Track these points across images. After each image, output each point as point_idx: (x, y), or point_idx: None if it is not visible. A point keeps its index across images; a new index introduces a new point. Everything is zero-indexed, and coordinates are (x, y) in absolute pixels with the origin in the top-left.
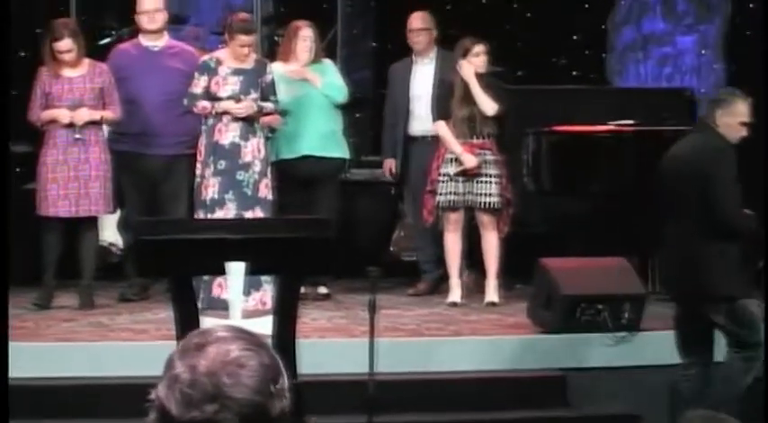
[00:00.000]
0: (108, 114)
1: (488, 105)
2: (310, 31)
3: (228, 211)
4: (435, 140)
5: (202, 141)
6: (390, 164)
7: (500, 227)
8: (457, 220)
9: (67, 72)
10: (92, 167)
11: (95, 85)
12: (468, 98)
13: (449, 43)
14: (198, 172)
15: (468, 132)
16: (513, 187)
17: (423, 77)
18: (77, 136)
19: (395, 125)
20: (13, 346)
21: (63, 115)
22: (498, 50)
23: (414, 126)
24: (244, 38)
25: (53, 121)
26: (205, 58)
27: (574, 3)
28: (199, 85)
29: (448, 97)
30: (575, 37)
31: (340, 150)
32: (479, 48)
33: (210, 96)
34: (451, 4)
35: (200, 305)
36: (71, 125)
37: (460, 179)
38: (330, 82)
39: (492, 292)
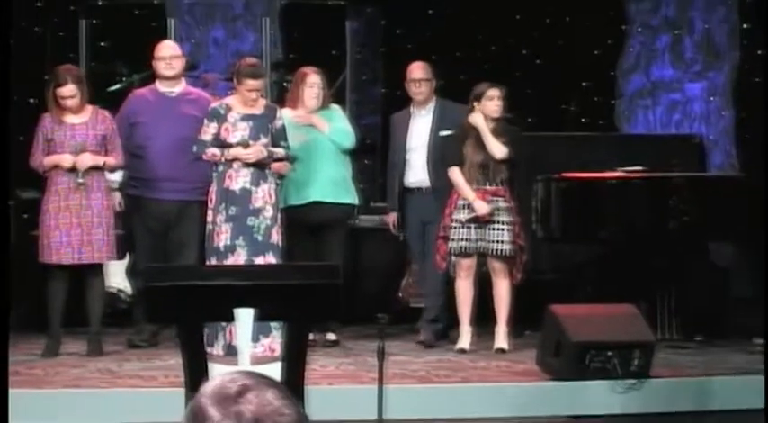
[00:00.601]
0: (110, 161)
1: (498, 149)
2: (318, 78)
3: (239, 257)
4: (431, 192)
5: (213, 188)
6: (393, 217)
7: (513, 274)
8: (469, 267)
9: (70, 118)
10: (94, 214)
11: (98, 131)
12: (481, 144)
13: (458, 90)
14: (209, 219)
15: (482, 179)
16: (525, 234)
17: (420, 128)
18: (80, 181)
19: (395, 176)
20: (21, 394)
21: (65, 160)
22: (507, 97)
23: (410, 177)
24: (251, 82)
25: (55, 167)
26: (214, 104)
27: (583, 50)
28: (208, 131)
29: (461, 143)
30: (584, 83)
31: (349, 196)
32: (494, 92)
33: (220, 143)
34: (460, 51)
35: (220, 352)
36: (73, 170)
37: (473, 226)
38: (338, 128)
39: (502, 339)
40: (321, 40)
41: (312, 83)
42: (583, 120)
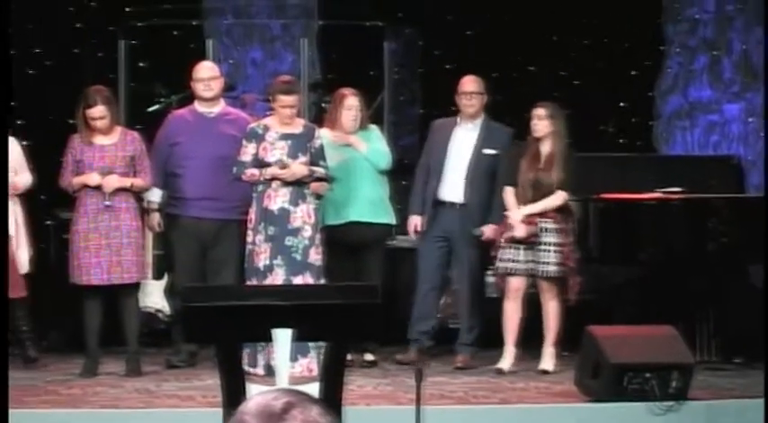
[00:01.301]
0: (138, 182)
1: (556, 198)
2: (356, 100)
3: (277, 277)
4: (463, 208)
5: (253, 208)
6: (416, 221)
7: (563, 296)
8: (517, 288)
9: (99, 140)
10: (123, 235)
11: (127, 152)
12: (534, 164)
13: (496, 110)
14: (249, 239)
15: (532, 197)
16: (577, 256)
17: (463, 142)
18: (107, 203)
19: (427, 183)
20: (61, 414)
21: (92, 179)
22: (556, 116)
23: (444, 190)
24: (284, 98)
25: (84, 188)
26: (252, 124)
27: (621, 71)
28: (247, 152)
29: (515, 162)
30: (621, 104)
31: (386, 216)
32: (537, 111)
33: (259, 162)
34: (498, 72)
35: (260, 372)
36: (99, 189)
37: (521, 246)
38: (375, 148)
39: (547, 360)
40: (359, 60)
41: (350, 105)
42: (620, 140)
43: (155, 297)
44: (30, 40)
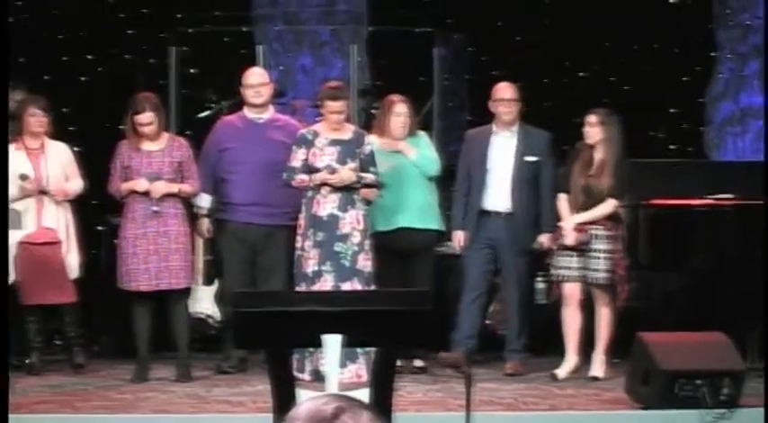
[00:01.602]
0: (185, 188)
1: (605, 207)
2: (404, 107)
3: (326, 283)
4: (508, 217)
5: (302, 214)
6: (460, 236)
7: (615, 301)
8: (572, 295)
9: (147, 146)
10: (171, 240)
11: (174, 158)
12: (586, 170)
13: (544, 116)
14: (298, 244)
15: (583, 204)
16: (627, 263)
17: (502, 150)
18: (155, 208)
19: (467, 195)
20: (112, 419)
21: (140, 184)
22: (609, 122)
23: (487, 200)
24: (331, 104)
25: (132, 194)
26: (303, 130)
27: (671, 77)
28: (297, 158)
29: (569, 169)
30: (672, 110)
31: (436, 223)
32: (589, 117)
33: (309, 168)
34: (547, 78)
35: (306, 377)
36: (147, 195)
37: (574, 253)
38: (424, 154)
39: (597, 367)
40: (408, 66)
41: (399, 111)
42: (671, 147)
43: (205, 303)
44: (82, 47)
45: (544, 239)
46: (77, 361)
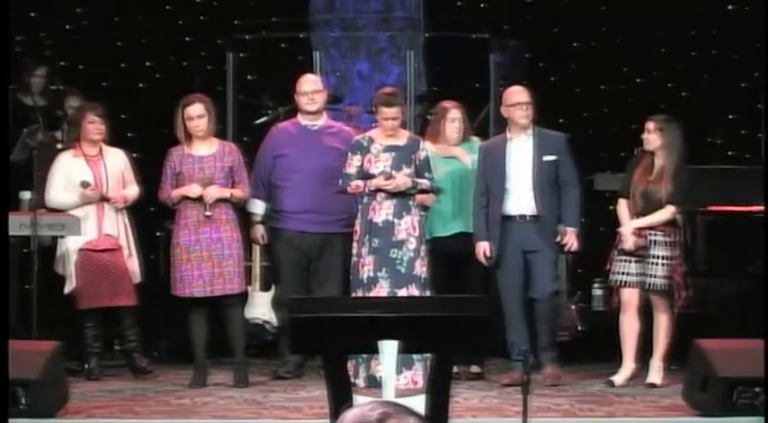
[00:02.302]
0: (237, 193)
1: (662, 214)
2: (459, 113)
3: (381, 289)
4: (535, 220)
5: (358, 220)
6: (484, 247)
7: (673, 308)
8: (629, 301)
9: (198, 150)
10: (224, 246)
11: (225, 163)
12: (645, 176)
13: (601, 122)
14: (354, 251)
15: (642, 209)
16: (685, 269)
17: (522, 154)
18: (207, 213)
19: (486, 207)
20: None
21: (193, 190)
22: (666, 129)
23: (509, 205)
24: (386, 110)
25: (183, 200)
26: (358, 137)
27: (729, 82)
28: (352, 164)
29: (630, 174)
30: (730, 116)
31: None
32: (648, 124)
33: (364, 174)
34: (605, 84)
35: (361, 383)
36: (199, 201)
37: (632, 259)
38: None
39: (654, 374)
40: (465, 72)
41: (453, 117)
42: (729, 153)
43: (262, 308)
44: (140, 54)
45: (569, 238)
46: (138, 365)
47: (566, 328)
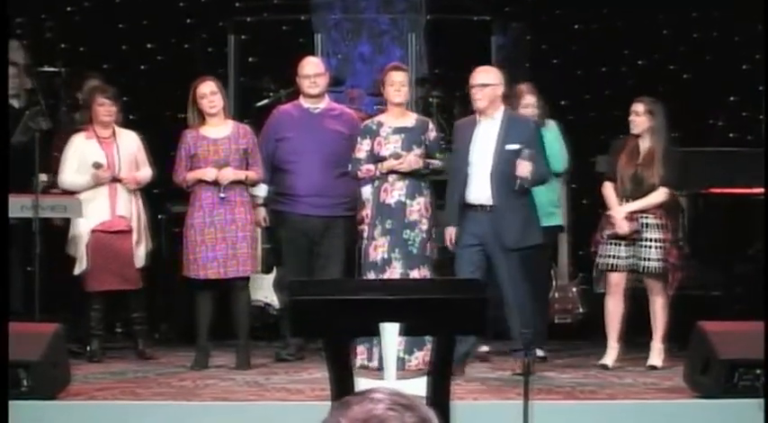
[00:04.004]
0: (252, 175)
1: (655, 196)
2: (533, 98)
3: (394, 271)
4: (492, 211)
5: (370, 202)
6: (451, 232)
7: (666, 290)
8: (618, 284)
9: (212, 133)
10: (239, 228)
11: (240, 145)
12: (633, 159)
13: (603, 104)
14: (365, 234)
15: (632, 193)
16: (678, 251)
17: (484, 140)
18: (222, 195)
19: (454, 189)
20: (172, 405)
21: (209, 173)
22: (655, 111)
23: (471, 193)
24: (394, 74)
25: (198, 182)
26: (367, 122)
27: (730, 64)
28: (362, 149)
29: (615, 156)
30: (732, 98)
31: (557, 219)
32: (635, 106)
33: (375, 157)
34: (607, 66)
35: (376, 365)
36: (216, 184)
37: (623, 243)
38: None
39: (655, 356)
40: (466, 55)
41: (527, 103)
42: (730, 135)
43: (264, 291)
44: (142, 36)
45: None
46: (142, 349)
47: (566, 311)
